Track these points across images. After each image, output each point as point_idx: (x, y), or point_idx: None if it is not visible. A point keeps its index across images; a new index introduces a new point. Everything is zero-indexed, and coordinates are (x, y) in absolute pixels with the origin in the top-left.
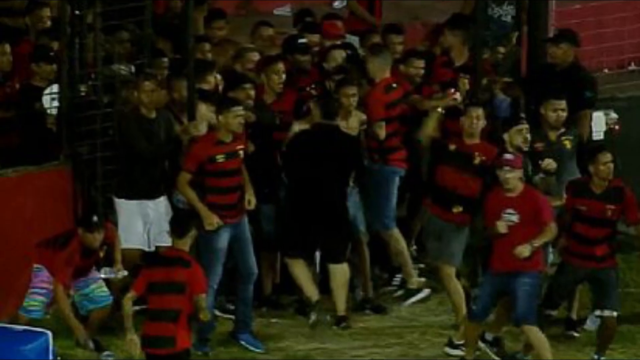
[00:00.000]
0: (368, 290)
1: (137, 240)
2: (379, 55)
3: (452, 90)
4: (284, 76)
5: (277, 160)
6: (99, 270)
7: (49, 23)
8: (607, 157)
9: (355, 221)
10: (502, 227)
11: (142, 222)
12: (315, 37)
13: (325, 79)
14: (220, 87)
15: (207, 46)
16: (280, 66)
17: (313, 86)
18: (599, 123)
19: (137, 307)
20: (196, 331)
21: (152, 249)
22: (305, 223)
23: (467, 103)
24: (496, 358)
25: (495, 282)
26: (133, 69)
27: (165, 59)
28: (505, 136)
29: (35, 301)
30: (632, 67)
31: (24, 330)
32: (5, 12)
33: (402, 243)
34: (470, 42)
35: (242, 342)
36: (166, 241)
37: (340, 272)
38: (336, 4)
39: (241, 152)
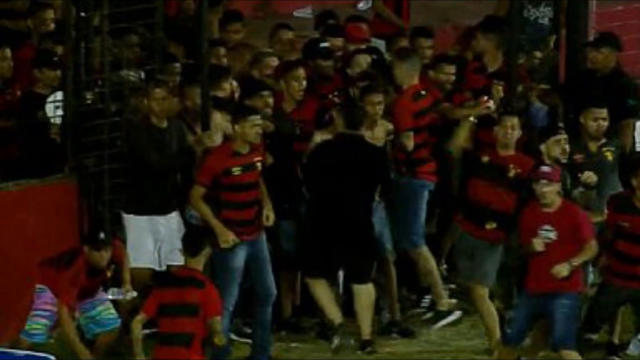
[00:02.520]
0: (395, 313)
1: (147, 258)
2: (406, 61)
3: (485, 97)
4: (304, 83)
5: (298, 173)
6: (106, 291)
7: (52, 26)
8: None
9: (381, 238)
10: (538, 244)
11: (153, 240)
12: (339, 41)
13: (349, 85)
14: (237, 95)
15: (223, 51)
16: (301, 72)
17: (336, 93)
18: None
19: (147, 331)
20: (211, 356)
21: (163, 268)
22: (327, 240)
23: (501, 112)
24: None
25: (531, 304)
26: (143, 75)
27: (178, 65)
28: (542, 147)
29: (38, 324)
30: None
31: (26, 356)
32: (6, 14)
33: (432, 262)
34: (504, 47)
35: None
36: (178, 260)
37: (365, 293)
38: (361, 5)
39: (259, 165)
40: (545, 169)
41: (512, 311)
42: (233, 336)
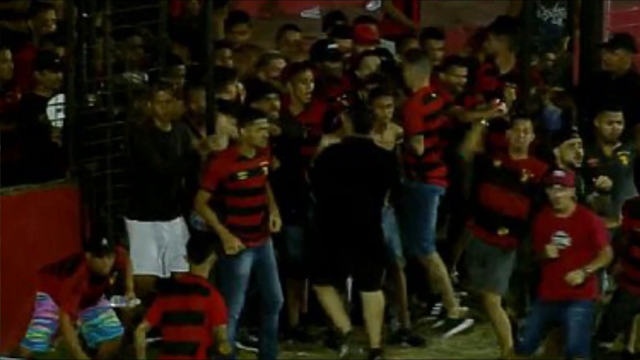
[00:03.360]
0: (405, 321)
1: (151, 265)
2: (416, 62)
3: (498, 100)
4: (312, 85)
5: (305, 178)
6: (108, 298)
7: (53, 27)
8: None
9: (391, 245)
10: (552, 251)
11: (157, 246)
12: (347, 42)
13: (357, 88)
14: (242, 97)
15: (228, 52)
16: (308, 74)
17: (344, 96)
18: None
19: (151, 339)
20: None
21: (168, 275)
22: (335, 247)
23: (514, 115)
24: None
25: (544, 312)
26: (146, 77)
27: (182, 67)
28: (556, 151)
29: (38, 332)
30: None
31: None
32: (6, 14)
33: (443, 269)
34: (517, 48)
35: None
36: (183, 267)
37: (374, 301)
38: (370, 5)
39: (265, 169)
40: (558, 173)
41: (525, 319)
42: (239, 345)
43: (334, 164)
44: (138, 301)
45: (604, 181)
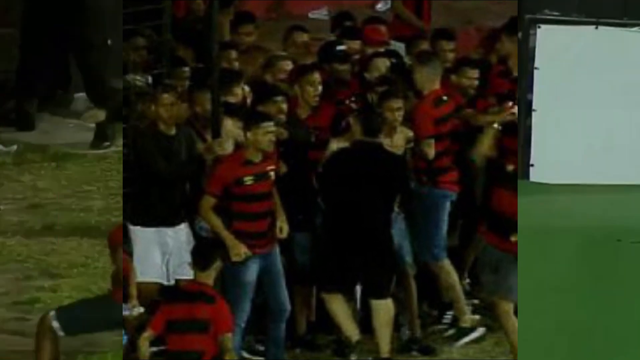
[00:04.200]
0: (415, 329)
1: (155, 272)
2: (427, 64)
3: (510, 103)
4: (320, 88)
5: (313, 183)
6: None
7: None
8: None
9: (401, 251)
10: None
11: (160, 253)
12: (356, 44)
13: (366, 90)
14: (249, 100)
15: (234, 54)
16: (316, 76)
17: (353, 99)
18: None
19: (154, 348)
20: None
21: (172, 282)
22: (344, 253)
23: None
24: None
25: None
26: (150, 79)
27: (187, 69)
28: None
29: None
30: None
31: None
32: None
33: (454, 276)
34: None
35: None
36: (187, 274)
37: (383, 309)
38: (379, 6)
39: (272, 174)
40: None
41: None
42: (245, 354)
43: (343, 168)
44: (141, 309)
45: None
